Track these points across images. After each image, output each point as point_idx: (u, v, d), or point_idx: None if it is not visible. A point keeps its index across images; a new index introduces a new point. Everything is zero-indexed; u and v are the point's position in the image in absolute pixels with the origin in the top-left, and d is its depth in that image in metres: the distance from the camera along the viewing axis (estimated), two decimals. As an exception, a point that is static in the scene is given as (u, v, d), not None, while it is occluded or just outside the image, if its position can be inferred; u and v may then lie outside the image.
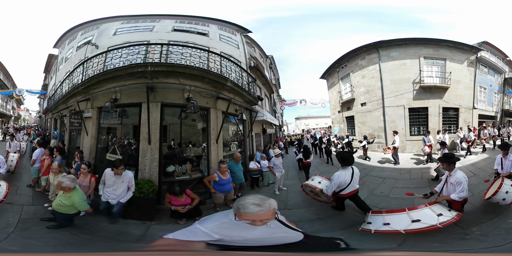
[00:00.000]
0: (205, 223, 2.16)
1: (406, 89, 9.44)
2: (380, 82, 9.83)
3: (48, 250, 3.34)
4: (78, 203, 3.87)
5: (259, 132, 9.67)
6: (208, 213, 2.53)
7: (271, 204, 2.06)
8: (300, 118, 15.48)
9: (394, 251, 3.46)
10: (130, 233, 4.36)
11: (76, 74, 6.99)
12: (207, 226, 2.10)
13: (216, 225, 2.11)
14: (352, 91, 11.03)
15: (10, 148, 7.48)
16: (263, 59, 10.47)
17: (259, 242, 2.13)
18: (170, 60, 6.01)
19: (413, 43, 9.49)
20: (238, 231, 2.08)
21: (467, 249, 3.46)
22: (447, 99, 9.40)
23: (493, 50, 10.30)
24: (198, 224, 2.15)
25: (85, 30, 8.60)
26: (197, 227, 2.12)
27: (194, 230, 2.10)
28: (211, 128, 6.37)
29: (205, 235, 2.04)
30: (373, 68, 10.10)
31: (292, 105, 12.33)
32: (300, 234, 2.36)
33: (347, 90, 11.43)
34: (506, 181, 4.46)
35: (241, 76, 7.18)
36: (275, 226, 2.19)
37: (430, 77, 9.34)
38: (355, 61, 10.85)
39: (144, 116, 5.60)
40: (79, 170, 5.02)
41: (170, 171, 6.00)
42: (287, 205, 5.81)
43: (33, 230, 4.04)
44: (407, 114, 9.46)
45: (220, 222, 2.13)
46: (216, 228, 2.08)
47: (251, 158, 7.00)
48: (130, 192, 4.61)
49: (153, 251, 2.41)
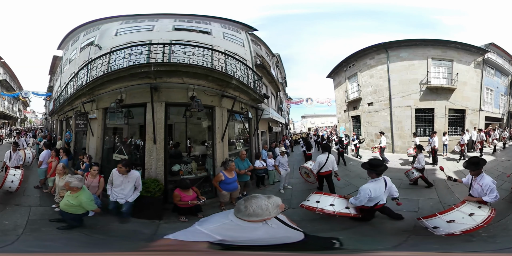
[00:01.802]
0: (205, 224, 2.12)
1: (413, 89, 9.41)
2: (388, 82, 9.80)
3: (63, 250, 3.34)
4: (85, 202, 3.87)
5: (265, 130, 9.64)
6: (214, 211, 2.49)
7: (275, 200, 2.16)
8: (306, 117, 15.48)
9: (394, 251, 3.42)
10: (142, 232, 4.39)
11: (80, 76, 7.03)
12: (207, 228, 2.06)
13: (217, 226, 2.08)
14: (359, 90, 10.98)
15: (10, 161, 6.11)
16: (270, 57, 10.41)
17: (260, 242, 2.12)
18: (173, 60, 6.00)
19: (423, 44, 9.45)
20: (240, 231, 2.06)
21: (470, 251, 3.40)
22: (454, 101, 9.33)
23: (500, 52, 10.22)
24: (198, 226, 2.11)
25: (87, 31, 8.64)
26: (197, 228, 2.09)
27: (195, 231, 2.07)
28: (216, 127, 6.34)
29: (205, 236, 2.02)
30: (382, 68, 10.06)
31: (298, 104, 12.30)
32: (301, 234, 2.35)
33: (354, 89, 11.38)
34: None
35: (247, 74, 7.13)
36: (276, 226, 2.19)
37: (437, 78, 9.28)
38: (363, 61, 10.79)
39: (149, 116, 5.59)
40: (87, 170, 5.02)
41: (175, 170, 6.00)
42: (292, 204, 5.75)
43: (43, 231, 4.07)
44: (414, 115, 9.42)
45: (220, 223, 2.11)
46: (216, 229, 2.06)
47: (257, 157, 6.96)
48: (137, 192, 4.63)
49: (153, 252, 2.39)
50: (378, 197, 4.19)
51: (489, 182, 3.80)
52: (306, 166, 6.56)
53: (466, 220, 3.58)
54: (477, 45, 9.61)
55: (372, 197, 4.13)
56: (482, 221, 3.51)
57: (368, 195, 4.08)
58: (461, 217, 3.63)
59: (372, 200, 4.19)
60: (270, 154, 7.12)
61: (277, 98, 11.11)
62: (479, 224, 3.50)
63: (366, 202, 4.18)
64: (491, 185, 3.77)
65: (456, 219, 3.62)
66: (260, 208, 2.02)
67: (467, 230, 3.50)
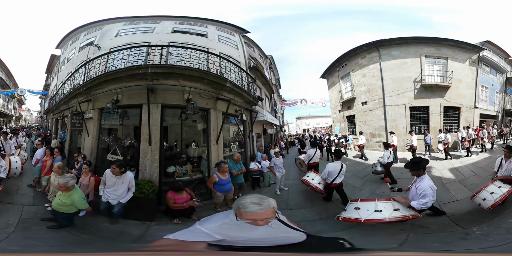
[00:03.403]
0: (206, 223, 2.14)
1: (407, 88, 9.46)
2: (381, 81, 9.86)
3: (48, 250, 3.34)
4: (78, 201, 3.88)
5: (259, 133, 9.69)
6: (209, 213, 2.52)
7: (270, 202, 2.05)
8: (301, 118, 15.53)
9: (394, 251, 3.44)
10: (130, 233, 4.37)
11: (78, 75, 7.04)
12: (208, 227, 2.08)
13: (217, 225, 2.09)
14: (352, 90, 11.05)
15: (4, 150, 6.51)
16: (263, 59, 10.50)
17: (261, 243, 2.11)
18: (170, 62, 6.06)
19: (415, 42, 9.51)
20: (240, 231, 2.05)
21: (467, 249, 3.45)
22: (449, 98, 9.39)
23: (495, 49, 10.30)
24: (199, 225, 2.12)
25: (88, 31, 8.67)
26: (197, 227, 2.10)
27: (195, 231, 2.08)
28: (211, 129, 6.39)
29: (206, 236, 2.02)
30: (374, 67, 10.12)
31: (293, 105, 12.38)
32: (303, 234, 2.33)
33: (347, 89, 11.45)
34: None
35: (241, 77, 7.21)
36: (276, 226, 2.16)
37: (431, 76, 9.34)
38: (355, 60, 10.87)
39: (145, 117, 5.63)
40: (82, 170, 5.02)
41: (170, 171, 6.03)
42: (289, 205, 5.81)
43: (33, 230, 4.06)
44: (408, 113, 9.48)
45: (221, 222, 2.11)
46: (217, 228, 2.06)
47: (252, 159, 7.00)
48: (130, 193, 4.62)
49: (153, 251, 2.41)
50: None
51: (426, 186, 3.66)
52: (300, 157, 7.51)
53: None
54: (473, 43, 9.68)
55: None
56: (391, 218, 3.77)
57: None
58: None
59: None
60: (265, 156, 7.16)
61: (271, 100, 11.18)
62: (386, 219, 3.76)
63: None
64: (426, 189, 3.63)
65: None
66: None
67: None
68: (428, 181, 3.81)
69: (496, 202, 4.08)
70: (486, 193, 4.23)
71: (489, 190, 4.24)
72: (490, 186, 4.30)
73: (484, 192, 4.25)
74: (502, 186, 4.27)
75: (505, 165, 4.74)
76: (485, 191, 4.25)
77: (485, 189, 4.28)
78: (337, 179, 5.40)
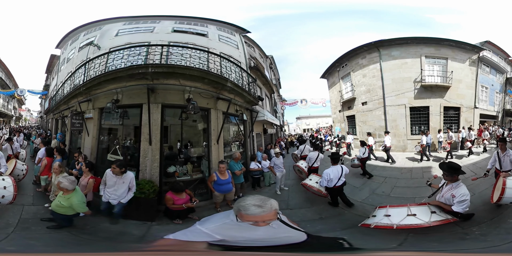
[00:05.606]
0: (206, 224, 2.14)
1: (407, 88, 9.46)
2: (381, 81, 9.87)
3: (48, 251, 3.34)
4: (76, 205, 3.83)
5: (260, 132, 9.69)
6: (210, 213, 2.51)
7: (272, 204, 2.04)
8: (301, 118, 15.54)
9: (394, 251, 3.45)
10: (131, 233, 4.35)
11: (77, 75, 7.03)
12: (208, 227, 2.08)
13: (218, 225, 2.10)
14: (353, 90, 11.07)
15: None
16: (263, 59, 10.50)
17: (262, 243, 2.11)
18: (170, 61, 6.04)
19: (415, 42, 9.52)
20: (240, 231, 2.06)
21: (467, 249, 3.45)
22: (449, 98, 9.40)
23: (495, 49, 10.30)
24: (199, 225, 2.13)
25: (88, 31, 8.66)
26: (198, 227, 2.10)
27: (196, 231, 2.09)
28: (211, 129, 6.38)
29: (206, 236, 2.03)
30: (374, 67, 10.14)
31: (293, 105, 12.40)
32: (303, 234, 2.34)
33: (347, 89, 11.46)
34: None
35: (241, 77, 7.20)
36: (277, 226, 2.17)
37: (431, 76, 9.34)
38: (355, 60, 10.87)
39: (145, 117, 5.62)
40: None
41: (171, 171, 6.02)
42: (289, 205, 5.81)
43: (33, 230, 4.05)
44: (408, 113, 9.48)
45: (221, 222, 2.12)
46: (217, 229, 2.07)
47: (253, 159, 7.00)
48: (131, 193, 4.61)
49: (153, 251, 2.40)
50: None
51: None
52: (299, 165, 7.13)
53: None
54: (473, 43, 9.68)
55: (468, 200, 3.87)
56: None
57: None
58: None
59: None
60: (265, 156, 7.16)
61: (271, 100, 11.18)
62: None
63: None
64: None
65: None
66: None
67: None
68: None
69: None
70: (510, 190, 4.05)
71: (510, 186, 4.04)
72: (508, 182, 4.09)
73: (508, 190, 4.04)
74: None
75: (505, 159, 4.84)
76: (509, 189, 4.04)
77: (507, 187, 4.04)
78: (339, 182, 5.29)
